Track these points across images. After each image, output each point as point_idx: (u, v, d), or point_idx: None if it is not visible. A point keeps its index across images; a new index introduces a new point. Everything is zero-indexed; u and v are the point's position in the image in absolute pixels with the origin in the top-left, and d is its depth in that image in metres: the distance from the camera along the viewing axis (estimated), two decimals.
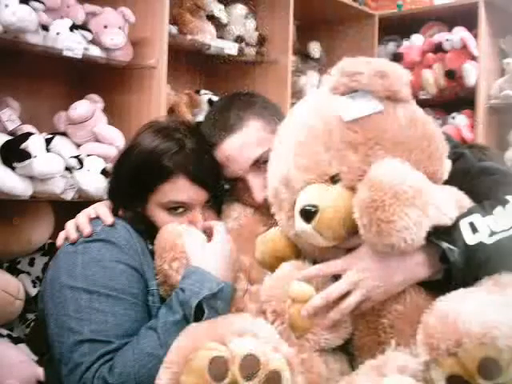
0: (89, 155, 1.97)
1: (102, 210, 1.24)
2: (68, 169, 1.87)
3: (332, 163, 1.05)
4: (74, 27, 1.91)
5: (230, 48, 2.49)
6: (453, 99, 3.27)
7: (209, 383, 0.89)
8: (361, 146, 1.04)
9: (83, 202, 1.78)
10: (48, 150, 1.80)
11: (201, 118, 2.31)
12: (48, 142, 1.82)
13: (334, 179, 1.05)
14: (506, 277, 1.03)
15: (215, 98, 2.50)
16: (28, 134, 1.75)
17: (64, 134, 2.02)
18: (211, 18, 2.46)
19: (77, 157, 1.91)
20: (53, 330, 1.12)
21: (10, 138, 1.77)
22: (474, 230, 1.03)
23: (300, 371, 1.00)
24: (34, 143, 1.74)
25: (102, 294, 1.10)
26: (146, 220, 1.23)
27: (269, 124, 1.28)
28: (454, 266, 1.00)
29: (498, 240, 1.02)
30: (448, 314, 0.90)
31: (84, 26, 1.98)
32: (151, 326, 1.08)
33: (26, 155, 1.69)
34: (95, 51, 2.01)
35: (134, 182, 1.23)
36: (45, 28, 1.87)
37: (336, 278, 1.07)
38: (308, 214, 1.02)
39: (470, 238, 1.02)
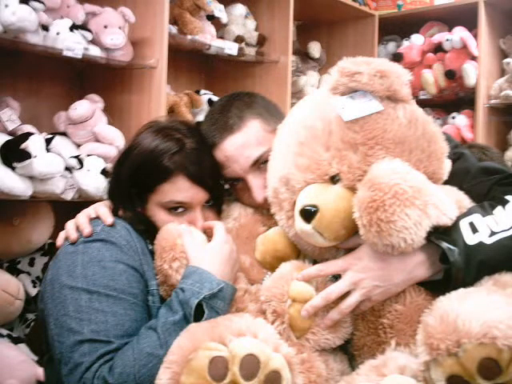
0: (89, 155, 1.97)
1: (102, 210, 1.24)
2: (68, 169, 1.87)
3: (332, 163, 1.05)
4: (73, 27, 1.90)
5: (230, 48, 2.49)
6: (453, 99, 3.28)
7: (209, 383, 0.89)
8: (361, 146, 1.04)
9: (83, 202, 1.78)
10: (48, 150, 1.80)
11: (201, 117, 2.31)
12: (48, 142, 1.81)
13: (334, 179, 1.05)
14: (505, 277, 1.03)
15: (215, 98, 2.50)
16: (28, 134, 1.75)
17: (64, 134, 2.01)
18: (211, 18, 2.46)
19: (77, 157, 1.91)
20: (53, 330, 1.11)
21: (9, 137, 1.77)
22: (474, 230, 1.03)
23: (300, 371, 1.00)
24: (34, 143, 1.73)
25: (102, 293, 1.10)
26: (146, 220, 1.23)
27: (269, 124, 1.27)
28: (454, 265, 1.00)
29: (498, 240, 1.02)
30: (448, 314, 0.90)
31: (84, 26, 1.97)
32: (151, 325, 1.08)
33: (26, 155, 1.69)
34: (95, 51, 2.00)
35: (134, 182, 1.23)
36: (45, 28, 1.87)
37: (336, 277, 1.07)
38: (308, 214, 1.02)
39: (470, 238, 1.02)
